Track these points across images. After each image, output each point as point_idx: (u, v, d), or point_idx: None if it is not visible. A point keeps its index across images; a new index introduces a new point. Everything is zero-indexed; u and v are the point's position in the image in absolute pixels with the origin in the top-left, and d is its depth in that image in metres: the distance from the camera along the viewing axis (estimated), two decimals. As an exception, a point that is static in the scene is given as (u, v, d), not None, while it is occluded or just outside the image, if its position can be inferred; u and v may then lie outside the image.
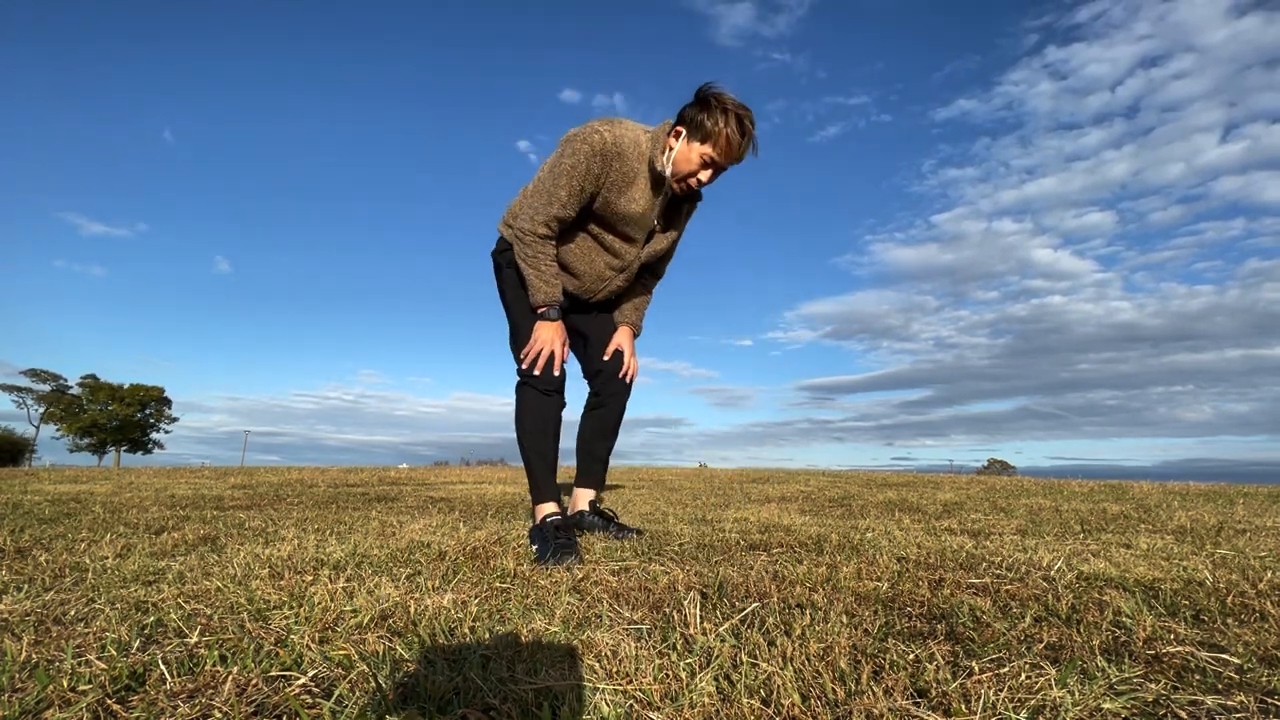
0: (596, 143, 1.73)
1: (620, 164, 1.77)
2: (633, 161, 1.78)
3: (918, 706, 0.72)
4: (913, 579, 1.33)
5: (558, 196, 1.77)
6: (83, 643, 0.92)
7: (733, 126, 1.71)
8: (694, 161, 1.75)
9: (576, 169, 1.74)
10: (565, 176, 1.75)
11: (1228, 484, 5.30)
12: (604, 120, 1.78)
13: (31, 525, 2.22)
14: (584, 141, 1.74)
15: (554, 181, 1.76)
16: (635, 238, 1.91)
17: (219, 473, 6.40)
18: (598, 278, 1.98)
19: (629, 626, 1.00)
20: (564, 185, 1.76)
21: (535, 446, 1.93)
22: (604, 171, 1.76)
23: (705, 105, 1.72)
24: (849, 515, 2.68)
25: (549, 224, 1.80)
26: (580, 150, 1.73)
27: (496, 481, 5.16)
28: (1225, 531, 2.19)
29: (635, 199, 1.82)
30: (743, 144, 1.75)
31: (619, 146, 1.76)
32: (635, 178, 1.80)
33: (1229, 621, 1.03)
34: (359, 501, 3.23)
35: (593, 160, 1.74)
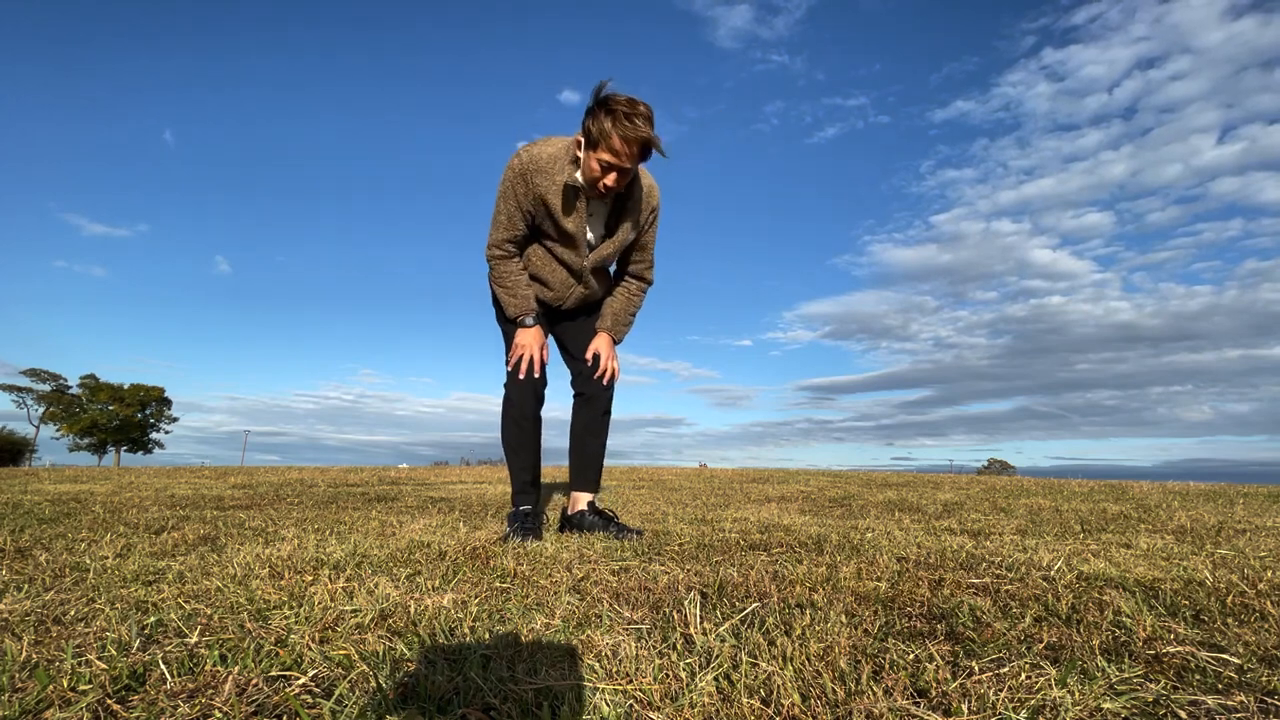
0: (515, 164, 1.90)
1: (542, 179, 1.89)
2: (555, 175, 1.89)
3: (918, 706, 0.72)
4: (913, 579, 1.33)
5: (499, 221, 1.97)
6: (83, 642, 0.92)
7: (618, 129, 1.73)
8: (595, 169, 1.81)
9: (506, 193, 1.93)
10: (501, 200, 1.95)
11: (1227, 484, 5.30)
12: (527, 142, 1.93)
13: (31, 525, 2.22)
14: (508, 166, 1.92)
15: (496, 208, 1.97)
16: (577, 246, 2.03)
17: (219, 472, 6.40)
18: (562, 284, 2.13)
19: (629, 626, 1.00)
20: (501, 209, 1.96)
21: (516, 459, 2.12)
22: (528, 189, 1.91)
23: (591, 113, 1.78)
24: (849, 515, 2.68)
25: (500, 246, 2.01)
26: (506, 175, 1.92)
27: (496, 481, 5.16)
28: (1225, 531, 2.19)
29: (557, 210, 1.93)
30: (631, 146, 1.75)
31: (536, 164, 1.89)
32: (549, 191, 1.91)
33: (1229, 621, 1.03)
34: (359, 501, 3.23)
35: (516, 182, 1.91)
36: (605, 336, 2.21)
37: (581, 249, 2.04)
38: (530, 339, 2.08)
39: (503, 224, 1.97)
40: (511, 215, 1.95)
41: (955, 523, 2.40)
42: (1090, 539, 1.99)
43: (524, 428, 2.11)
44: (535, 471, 2.15)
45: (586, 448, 2.21)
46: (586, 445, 2.20)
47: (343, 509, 2.82)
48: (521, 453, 2.12)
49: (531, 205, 1.94)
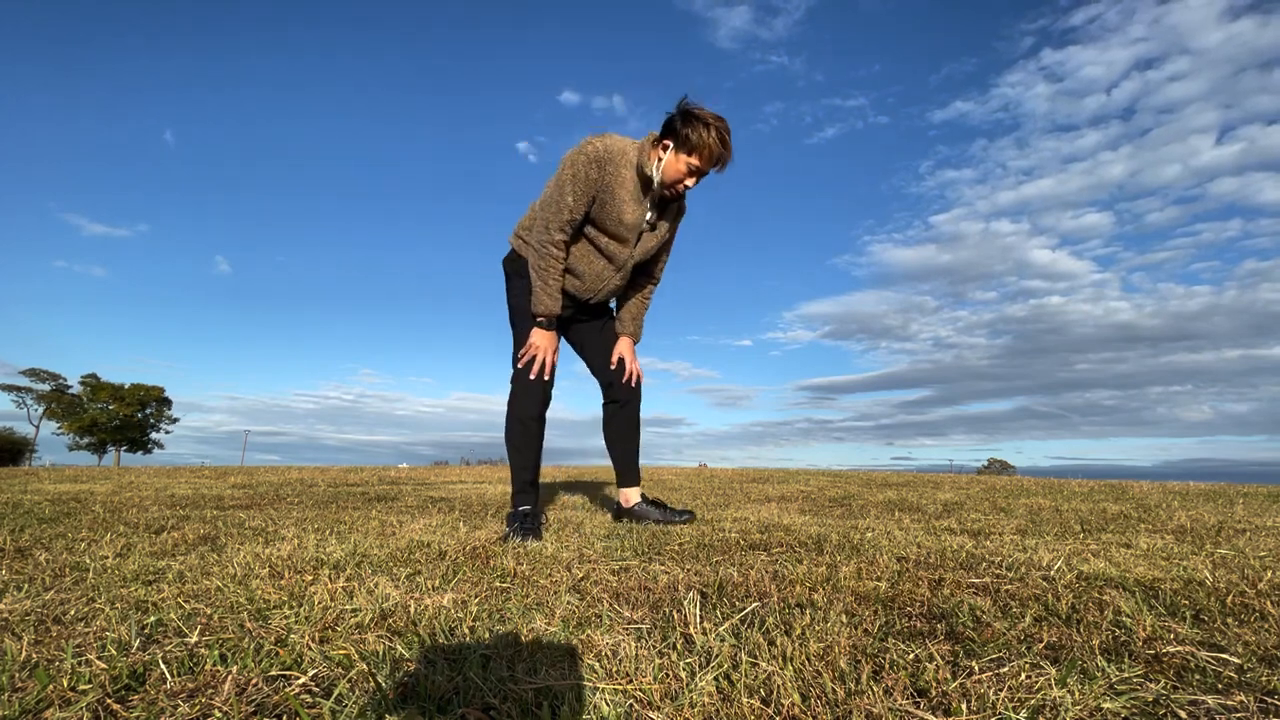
0: (591, 151, 1.97)
1: (613, 169, 1.99)
2: (622, 168, 2.00)
3: (918, 706, 0.72)
4: (913, 579, 1.33)
5: (565, 204, 1.99)
6: (83, 642, 0.92)
7: (714, 139, 1.95)
8: (681, 170, 1.98)
9: (578, 177, 1.97)
10: (569, 184, 1.98)
11: (1227, 484, 5.30)
12: (596, 135, 2.02)
13: (31, 525, 2.22)
14: (580, 152, 1.98)
15: (559, 192, 1.99)
16: (627, 238, 2.10)
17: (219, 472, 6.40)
18: (596, 277, 2.16)
19: (629, 626, 1.00)
20: (569, 192, 1.98)
21: (518, 458, 2.17)
22: (600, 176, 1.98)
23: (689, 120, 1.95)
24: (849, 515, 2.68)
25: (562, 229, 2.03)
26: (578, 160, 1.97)
27: (496, 481, 5.16)
28: (1225, 531, 2.19)
29: (626, 201, 2.03)
30: (723, 154, 1.99)
31: (610, 154, 1.98)
32: (625, 183, 2.02)
33: (1229, 621, 1.03)
34: (359, 501, 3.23)
35: (590, 167, 1.97)
36: (627, 340, 2.37)
37: (630, 243, 2.13)
38: (547, 341, 2.14)
39: (568, 207, 2.00)
40: (578, 200, 1.99)
41: (955, 523, 2.40)
42: (1090, 539, 1.99)
43: (529, 427, 2.15)
44: (536, 471, 2.18)
45: (624, 449, 2.38)
46: (623, 447, 2.38)
47: (343, 509, 2.82)
48: (525, 451, 2.16)
49: (599, 192, 2.01)
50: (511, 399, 2.16)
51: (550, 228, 2.02)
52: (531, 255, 2.08)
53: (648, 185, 2.04)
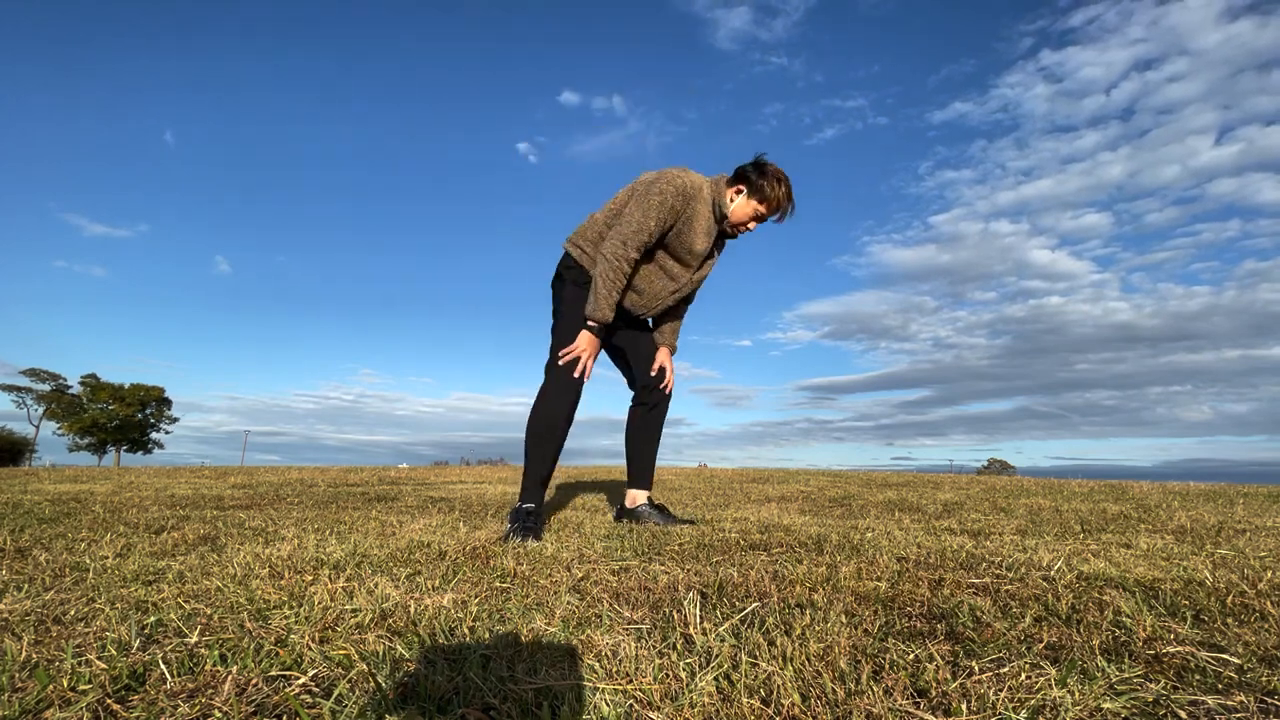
0: (680, 184, 2.18)
1: (693, 203, 2.22)
2: (700, 203, 2.23)
3: (918, 706, 0.72)
4: (913, 579, 1.33)
5: (647, 227, 2.17)
6: (83, 642, 0.92)
7: (784, 194, 2.24)
8: (749, 214, 2.27)
9: (664, 205, 2.17)
10: (655, 210, 2.16)
11: (1227, 484, 5.30)
12: (681, 169, 2.24)
13: (31, 525, 2.22)
14: (669, 183, 2.18)
15: (644, 215, 2.17)
16: (692, 264, 2.33)
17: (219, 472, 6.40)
18: (655, 296, 2.37)
19: (629, 626, 1.00)
20: (653, 218, 2.17)
21: (538, 451, 2.20)
22: (683, 208, 2.21)
23: (763, 173, 2.22)
24: (849, 515, 2.68)
25: (639, 249, 2.19)
26: (667, 190, 2.17)
27: (496, 481, 5.16)
28: (1225, 531, 2.19)
29: (699, 233, 2.25)
30: (789, 209, 2.29)
31: (694, 189, 2.21)
32: (700, 216, 2.24)
33: (1229, 621, 1.03)
34: (359, 501, 3.23)
35: (676, 199, 2.18)
36: (667, 351, 2.55)
37: (693, 269, 2.36)
38: (592, 344, 2.26)
39: (649, 230, 2.18)
40: (658, 225, 2.19)
41: (955, 523, 2.40)
42: (1090, 539, 1.99)
43: (555, 424, 2.22)
44: (551, 470, 2.24)
45: (644, 452, 2.49)
46: (644, 450, 2.50)
47: (343, 509, 2.82)
48: (546, 446, 2.21)
49: (678, 221, 2.23)
50: (544, 394, 2.23)
51: (628, 245, 2.17)
52: (601, 264, 2.19)
53: (716, 222, 2.29)
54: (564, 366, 2.21)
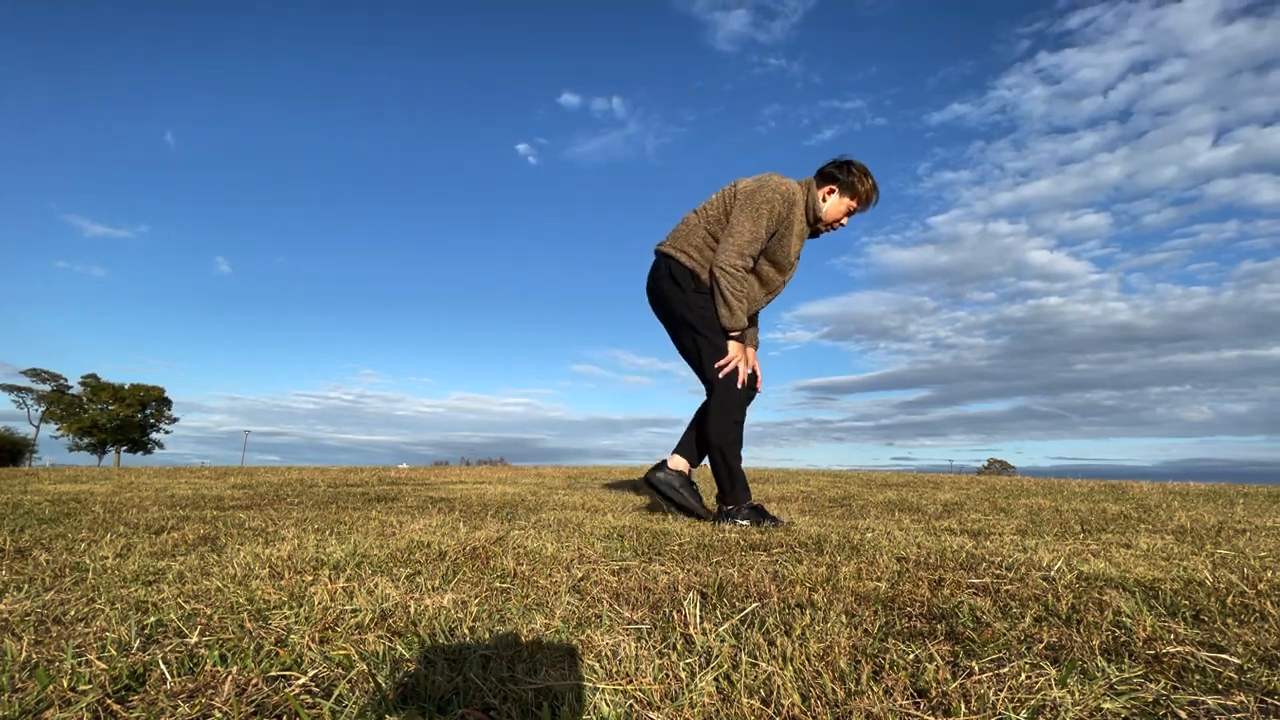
0: (785, 191, 2.33)
1: (794, 209, 2.36)
2: (798, 207, 2.37)
3: (918, 707, 0.72)
4: (913, 579, 1.33)
5: (759, 236, 2.32)
6: (83, 643, 0.92)
7: (870, 187, 2.39)
8: (842, 211, 2.42)
9: (773, 213, 2.31)
10: (765, 219, 2.31)
11: (1227, 484, 5.29)
12: (775, 175, 2.37)
13: (31, 525, 2.22)
14: (774, 191, 2.32)
15: (755, 224, 2.31)
16: (787, 268, 2.47)
17: (219, 472, 6.39)
18: (752, 301, 2.49)
19: (629, 626, 1.00)
20: (764, 226, 2.32)
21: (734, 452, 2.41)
22: (786, 215, 2.34)
23: (849, 171, 2.37)
24: (849, 515, 2.68)
25: (753, 256, 2.35)
26: (774, 199, 2.31)
27: (496, 481, 5.16)
28: (1225, 531, 2.19)
29: (795, 236, 2.39)
30: (875, 200, 2.43)
31: (794, 195, 2.35)
32: (797, 220, 2.38)
33: (1229, 621, 1.03)
34: (359, 501, 3.23)
35: (783, 205, 2.32)
36: (752, 350, 2.68)
37: (787, 272, 2.49)
38: (741, 350, 2.44)
39: (761, 239, 2.32)
40: (768, 233, 2.33)
41: (955, 523, 2.40)
42: (1090, 539, 1.99)
43: (740, 428, 2.45)
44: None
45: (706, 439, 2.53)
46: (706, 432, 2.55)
47: (343, 509, 2.82)
48: (739, 447, 2.43)
49: (779, 228, 2.35)
50: (721, 404, 2.39)
51: (745, 254, 2.32)
52: (724, 278, 2.34)
53: (810, 223, 2.42)
54: (731, 377, 2.41)
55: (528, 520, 2.38)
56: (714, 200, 2.43)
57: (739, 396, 2.40)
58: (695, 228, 2.45)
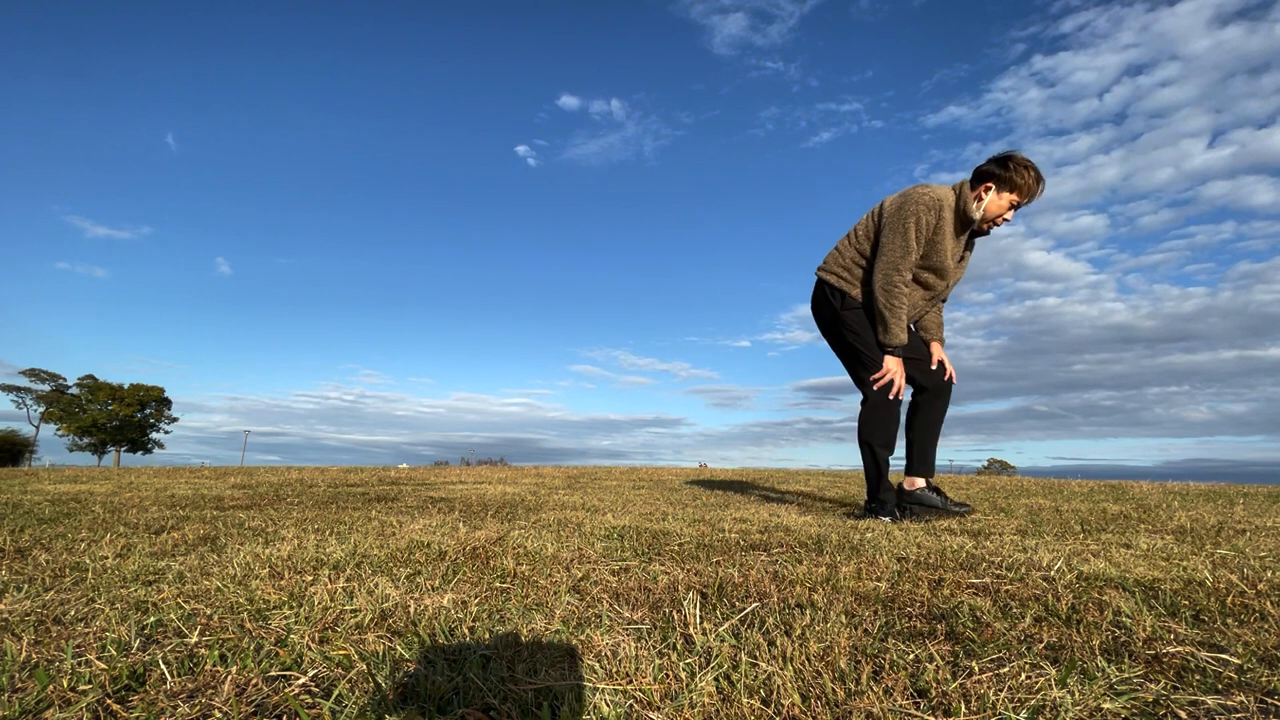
0: (928, 201, 2.39)
1: (943, 214, 2.41)
2: (947, 212, 2.42)
3: (918, 707, 0.72)
4: (913, 579, 1.33)
5: (910, 248, 2.41)
6: (83, 642, 0.92)
7: (1033, 178, 2.38)
8: (1004, 206, 2.41)
9: (919, 225, 2.40)
10: (912, 233, 2.40)
11: (1227, 484, 5.29)
12: (922, 185, 2.44)
13: (31, 525, 2.21)
14: (917, 204, 2.39)
15: (904, 240, 2.41)
16: (946, 272, 2.53)
17: (219, 473, 6.39)
18: (914, 306, 2.61)
19: (629, 626, 1.00)
20: (913, 237, 2.41)
21: (886, 455, 2.58)
22: (935, 222, 2.41)
23: (1007, 166, 2.37)
24: (849, 515, 2.68)
25: (909, 269, 2.44)
26: (919, 211, 2.39)
27: (496, 481, 5.16)
28: (1225, 531, 2.19)
29: (947, 243, 2.45)
30: (1040, 189, 2.41)
31: (941, 201, 2.40)
32: (948, 225, 2.43)
33: (1229, 621, 1.03)
34: (359, 501, 3.23)
35: (929, 215, 2.40)
36: (939, 345, 2.77)
37: (948, 275, 2.55)
38: (899, 365, 2.55)
39: (914, 250, 2.41)
40: (919, 244, 2.42)
41: (955, 523, 2.40)
42: (1090, 539, 1.99)
43: (891, 440, 2.59)
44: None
45: (926, 435, 2.69)
46: (926, 433, 2.69)
47: (343, 509, 2.82)
48: (891, 452, 2.59)
49: (929, 235, 2.42)
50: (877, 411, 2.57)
51: (901, 269, 2.42)
52: (880, 296, 2.47)
53: (964, 225, 2.46)
54: (884, 390, 2.54)
55: (528, 520, 2.38)
56: (862, 221, 2.60)
57: (894, 410, 2.57)
58: (845, 250, 2.63)
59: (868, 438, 2.58)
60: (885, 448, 2.58)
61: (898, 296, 2.45)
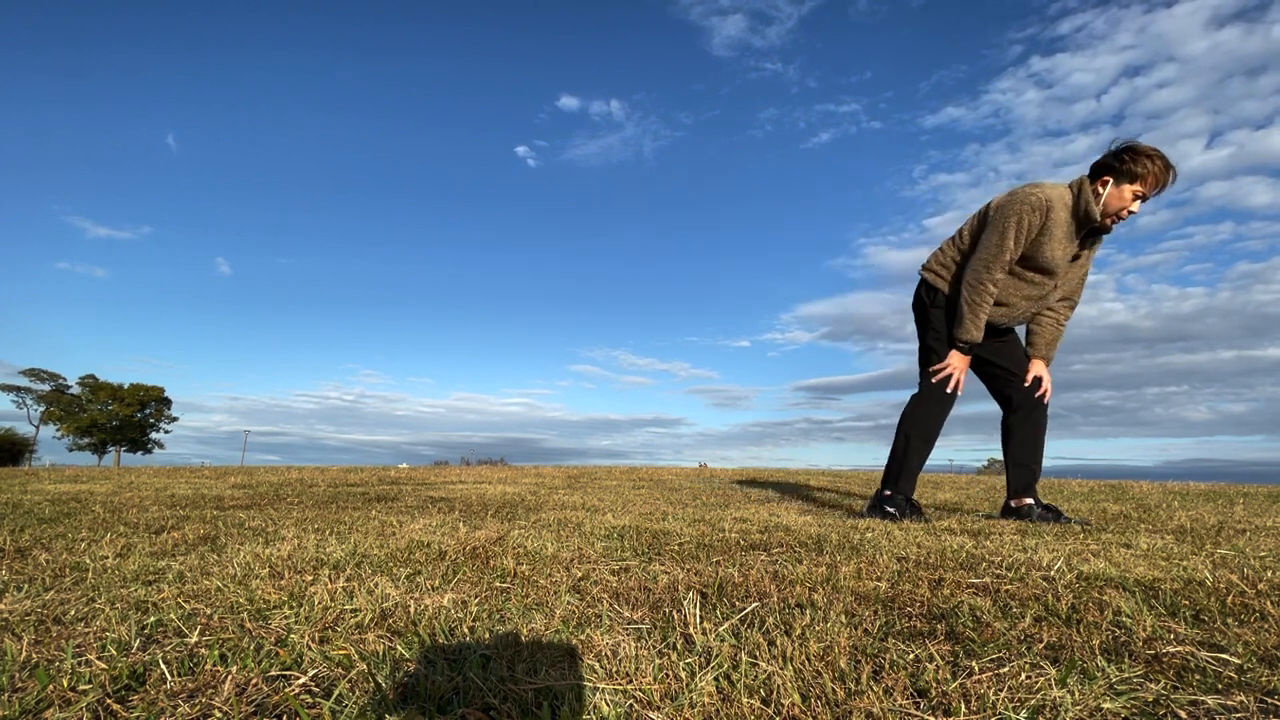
0: (1034, 201, 2.33)
1: (1051, 214, 2.34)
2: (1059, 211, 2.34)
3: (918, 707, 0.72)
4: (913, 579, 1.33)
5: (1007, 247, 2.38)
6: (83, 642, 0.92)
7: (1159, 165, 2.27)
8: (1125, 199, 2.30)
9: (1020, 224, 2.35)
10: (1012, 231, 2.36)
11: (1227, 484, 5.29)
12: (1032, 184, 2.38)
13: (31, 525, 2.21)
14: (1022, 202, 2.35)
15: (1001, 237, 2.38)
16: (1055, 273, 2.45)
17: (219, 472, 6.39)
18: (1017, 307, 2.56)
19: (629, 626, 1.00)
20: (1010, 238, 2.37)
21: (920, 449, 2.58)
22: (1042, 221, 2.35)
23: (1125, 158, 2.28)
24: (849, 515, 2.68)
25: (1002, 269, 2.42)
26: (1022, 209, 2.34)
27: (496, 481, 5.16)
28: (1225, 531, 2.19)
29: (1056, 242, 2.38)
30: (1167, 175, 2.30)
31: (1050, 201, 2.33)
32: (1060, 224, 2.36)
33: (1229, 621, 1.03)
34: (359, 501, 3.23)
35: (1034, 215, 2.34)
36: (1041, 363, 2.66)
37: (1057, 276, 2.47)
38: (963, 362, 2.55)
39: (1010, 250, 2.39)
40: (1018, 244, 2.38)
41: (955, 523, 2.40)
42: (1090, 539, 1.99)
43: (934, 432, 2.59)
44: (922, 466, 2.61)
45: (1024, 458, 2.62)
46: (1024, 456, 2.62)
47: (343, 509, 2.82)
48: (927, 448, 2.58)
49: (1034, 235, 2.37)
50: (921, 401, 2.58)
51: (992, 268, 2.40)
52: (965, 290, 2.47)
53: (1081, 224, 2.37)
54: (941, 381, 2.53)
55: (528, 520, 2.38)
56: (968, 222, 2.58)
57: (944, 405, 2.57)
58: (947, 249, 2.63)
59: (908, 427, 2.58)
60: (922, 440, 2.56)
61: (980, 294, 2.44)
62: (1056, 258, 2.40)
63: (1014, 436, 2.65)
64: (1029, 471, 2.61)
